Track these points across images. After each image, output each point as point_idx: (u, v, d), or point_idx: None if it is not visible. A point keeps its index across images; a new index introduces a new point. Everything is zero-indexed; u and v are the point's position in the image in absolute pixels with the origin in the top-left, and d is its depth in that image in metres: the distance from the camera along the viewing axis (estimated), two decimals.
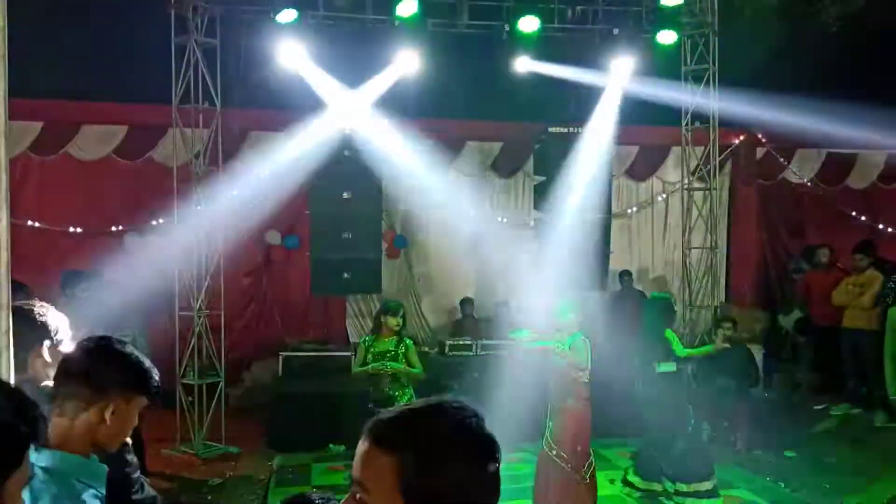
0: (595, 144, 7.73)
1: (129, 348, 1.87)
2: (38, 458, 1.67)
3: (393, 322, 5.39)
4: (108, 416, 1.74)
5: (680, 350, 5.82)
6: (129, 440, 1.97)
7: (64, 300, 6.06)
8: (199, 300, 7.09)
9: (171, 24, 6.90)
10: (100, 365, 1.75)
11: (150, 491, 2.35)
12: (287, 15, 7.29)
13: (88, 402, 1.73)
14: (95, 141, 8.47)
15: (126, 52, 7.87)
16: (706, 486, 5.62)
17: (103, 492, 1.74)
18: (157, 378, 1.86)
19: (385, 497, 1.06)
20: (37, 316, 2.59)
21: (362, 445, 1.11)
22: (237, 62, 7.95)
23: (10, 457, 1.18)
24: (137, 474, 2.29)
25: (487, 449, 1.11)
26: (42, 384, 2.41)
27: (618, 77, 8.07)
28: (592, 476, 5.04)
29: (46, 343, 2.49)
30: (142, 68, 7.77)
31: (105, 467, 1.76)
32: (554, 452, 4.96)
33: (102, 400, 1.74)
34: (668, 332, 5.82)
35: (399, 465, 1.06)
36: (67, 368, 1.78)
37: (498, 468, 1.11)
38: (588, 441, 5.03)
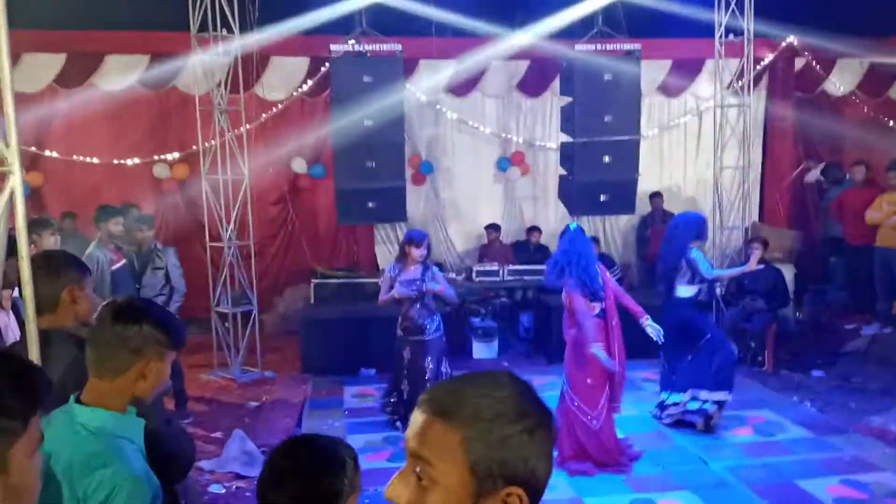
0: (625, 61, 7.42)
1: (157, 307, 1.96)
2: (80, 416, 1.75)
3: (417, 252, 5.43)
4: (147, 373, 1.82)
5: (706, 270, 5.58)
6: None
7: (98, 234, 6.22)
8: (229, 231, 7.19)
9: None
10: (133, 327, 1.81)
11: (178, 424, 2.47)
12: None
13: (125, 363, 1.80)
14: (119, 71, 8.43)
15: None
16: (720, 396, 5.59)
17: (142, 445, 1.82)
18: (185, 332, 1.95)
19: (451, 471, 1.06)
20: (68, 256, 2.67)
21: (420, 417, 1.10)
22: None
23: (12, 425, 1.18)
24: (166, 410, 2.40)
25: (547, 421, 1.11)
26: (71, 327, 2.51)
27: None
28: (608, 416, 5.10)
29: (88, 279, 2.58)
30: None
31: (142, 421, 1.85)
32: (567, 398, 5.08)
33: (139, 360, 1.81)
34: (695, 252, 5.57)
35: (465, 439, 1.05)
36: (100, 333, 1.83)
37: (554, 440, 1.12)
38: (600, 375, 5.04)
